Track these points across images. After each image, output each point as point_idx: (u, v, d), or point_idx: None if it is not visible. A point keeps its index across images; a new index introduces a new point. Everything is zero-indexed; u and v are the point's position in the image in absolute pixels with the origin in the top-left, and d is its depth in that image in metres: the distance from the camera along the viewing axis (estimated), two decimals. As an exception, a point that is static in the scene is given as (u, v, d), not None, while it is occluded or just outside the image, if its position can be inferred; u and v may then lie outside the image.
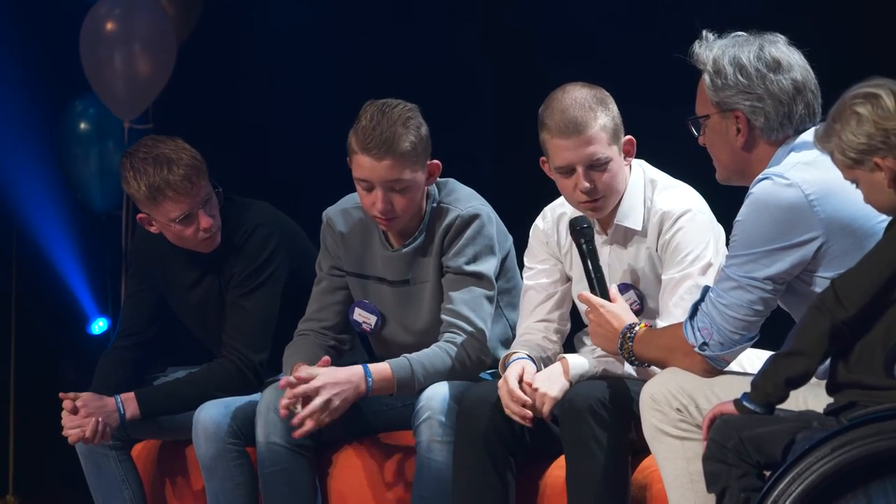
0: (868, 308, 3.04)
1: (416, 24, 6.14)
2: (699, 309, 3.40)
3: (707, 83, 3.46)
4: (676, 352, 3.44)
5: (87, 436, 4.26)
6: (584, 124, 3.75)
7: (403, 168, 3.99)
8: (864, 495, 2.97)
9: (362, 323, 4.23)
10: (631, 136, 3.84)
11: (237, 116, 6.40)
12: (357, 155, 4.01)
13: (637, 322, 3.63)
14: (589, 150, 3.76)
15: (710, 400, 3.33)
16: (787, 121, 3.41)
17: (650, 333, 3.58)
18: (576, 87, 3.81)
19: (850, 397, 3.07)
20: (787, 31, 3.52)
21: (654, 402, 3.41)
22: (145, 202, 4.33)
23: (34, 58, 6.54)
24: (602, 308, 3.67)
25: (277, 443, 4.09)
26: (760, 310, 3.35)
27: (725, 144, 3.47)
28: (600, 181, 3.78)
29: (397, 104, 4.02)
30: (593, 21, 5.77)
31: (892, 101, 3.05)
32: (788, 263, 3.31)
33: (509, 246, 4.21)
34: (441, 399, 3.94)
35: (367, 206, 4.06)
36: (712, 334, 3.37)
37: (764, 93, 3.41)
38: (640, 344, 3.57)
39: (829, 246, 3.27)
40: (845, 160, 3.09)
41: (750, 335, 3.38)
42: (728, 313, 3.35)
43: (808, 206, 3.27)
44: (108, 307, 6.66)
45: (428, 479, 3.94)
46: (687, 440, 3.38)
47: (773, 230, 3.29)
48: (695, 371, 3.42)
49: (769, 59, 3.43)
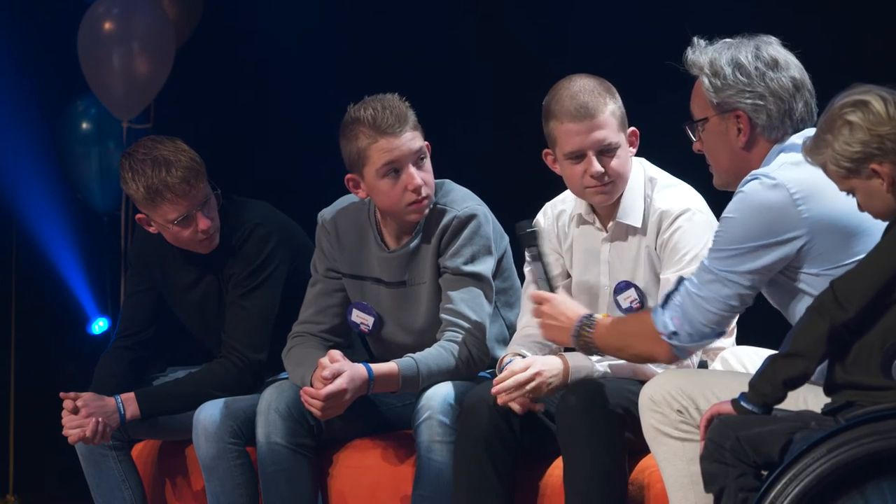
0: (867, 309, 3.05)
1: (416, 24, 6.14)
2: (672, 298, 3.42)
3: (706, 85, 3.47)
4: (642, 337, 3.47)
5: (87, 436, 4.26)
6: (595, 108, 3.79)
7: (420, 138, 4.05)
8: (860, 495, 2.98)
9: (360, 324, 4.24)
10: (635, 128, 3.87)
11: (237, 116, 6.40)
12: (375, 144, 4.02)
13: (594, 313, 3.67)
14: (600, 135, 3.80)
15: (710, 400, 3.33)
16: (787, 118, 3.43)
17: (614, 321, 3.61)
18: (581, 77, 3.85)
19: (848, 397, 3.07)
20: (782, 33, 3.53)
21: (653, 403, 3.42)
22: (144, 203, 4.33)
23: (35, 58, 6.54)
24: (556, 300, 3.71)
25: (278, 442, 4.09)
26: (735, 305, 3.37)
27: (725, 146, 3.48)
28: (609, 166, 3.81)
29: (382, 94, 4.07)
30: (594, 20, 5.78)
31: (883, 106, 3.05)
32: (770, 260, 3.32)
33: (505, 245, 4.22)
34: (441, 399, 3.95)
35: (397, 196, 4.04)
36: (683, 325, 3.39)
37: (765, 90, 3.42)
38: (601, 330, 3.59)
39: (814, 244, 3.29)
40: (840, 170, 3.10)
41: (719, 330, 3.41)
42: (703, 306, 3.37)
43: (792, 206, 3.29)
44: (108, 307, 6.66)
45: (428, 479, 3.94)
46: (688, 441, 3.38)
47: (758, 228, 3.31)
48: (659, 358, 3.46)
49: (767, 58, 3.45)
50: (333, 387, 3.96)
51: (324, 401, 3.96)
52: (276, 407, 4.09)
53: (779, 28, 3.56)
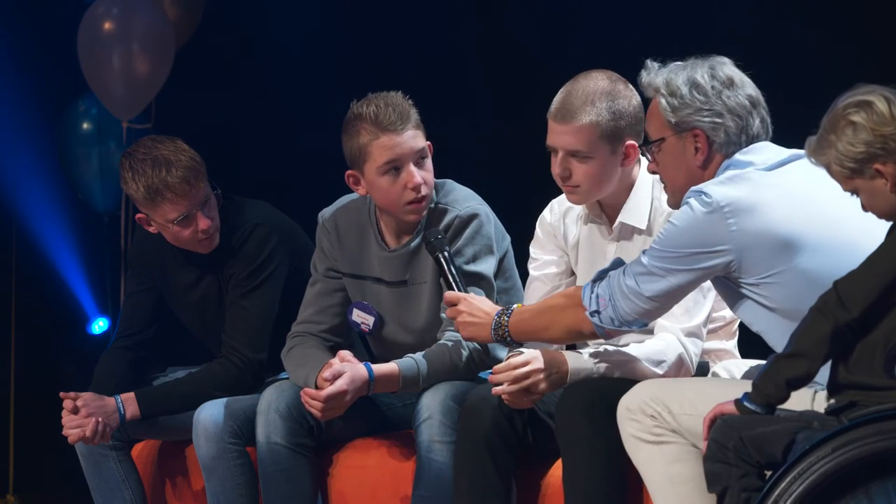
0: (871, 310, 3.05)
1: (416, 24, 6.14)
2: (604, 278, 3.52)
3: (663, 105, 3.51)
4: (565, 308, 3.59)
5: (87, 436, 4.26)
6: (573, 115, 3.79)
7: (422, 137, 4.05)
8: (864, 495, 2.97)
9: (361, 323, 4.23)
10: (634, 143, 3.84)
11: (237, 116, 6.40)
12: (376, 141, 4.01)
13: (511, 305, 3.77)
14: (567, 140, 3.81)
15: (683, 405, 3.39)
16: (744, 135, 3.50)
17: (537, 303, 3.75)
18: (594, 76, 3.85)
19: (851, 397, 3.07)
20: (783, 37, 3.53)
21: (629, 412, 3.47)
22: (144, 203, 4.32)
23: (36, 58, 6.55)
24: (471, 297, 3.81)
25: (278, 442, 4.09)
26: (660, 300, 3.45)
27: (681, 166, 3.53)
28: (578, 172, 3.82)
29: (386, 92, 4.07)
30: (594, 20, 5.78)
31: (886, 107, 3.05)
32: (697, 266, 3.40)
33: (507, 245, 4.21)
34: (441, 399, 3.95)
35: (397, 194, 4.04)
36: (608, 308, 3.49)
37: (723, 108, 3.48)
38: (523, 314, 3.70)
39: (744, 255, 3.36)
40: (844, 171, 3.10)
41: (642, 322, 3.51)
42: (630, 295, 3.45)
43: (722, 220, 3.36)
44: (108, 307, 6.66)
45: (428, 479, 3.94)
46: (664, 444, 3.43)
47: (690, 238, 3.40)
48: (584, 329, 3.55)
49: (723, 77, 3.50)
50: (334, 388, 3.95)
51: (324, 402, 3.96)
52: (276, 407, 4.09)
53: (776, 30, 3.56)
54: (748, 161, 3.44)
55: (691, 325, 3.76)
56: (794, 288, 3.33)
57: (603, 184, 3.85)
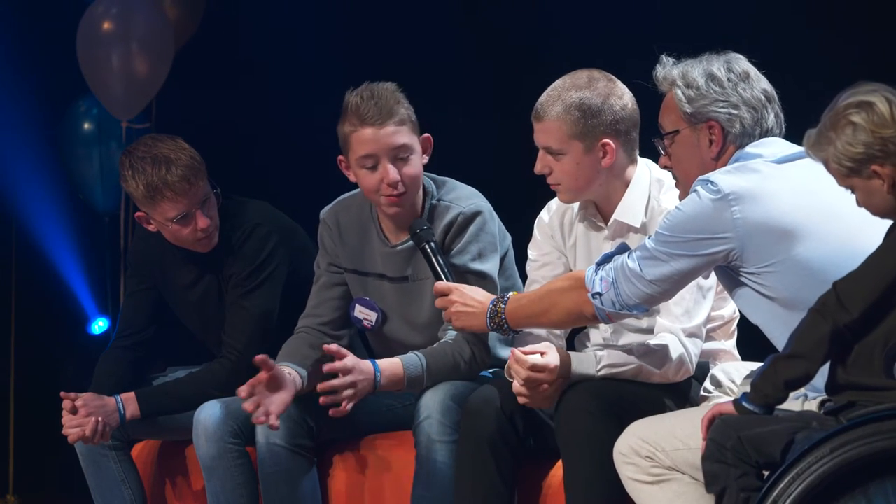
0: (870, 311, 3.05)
1: (415, 24, 6.14)
2: (609, 262, 3.54)
3: (678, 97, 3.52)
4: (567, 290, 3.62)
5: (86, 435, 4.26)
6: (544, 113, 3.85)
7: (405, 133, 4.03)
8: (863, 495, 2.97)
9: (363, 319, 4.23)
10: (610, 142, 3.83)
11: (237, 116, 6.40)
12: (356, 133, 4.02)
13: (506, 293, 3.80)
14: (541, 137, 3.87)
15: (674, 443, 3.40)
16: (758, 127, 3.51)
17: (531, 291, 3.77)
18: (577, 75, 3.88)
19: (850, 398, 3.07)
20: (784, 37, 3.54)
21: (624, 456, 3.48)
22: (143, 201, 4.33)
23: (35, 58, 6.54)
24: (462, 288, 3.84)
25: (278, 443, 4.09)
26: (662, 284, 3.45)
27: (696, 157, 3.54)
28: (556, 169, 3.85)
29: (379, 83, 4.06)
30: (595, 20, 5.78)
31: (887, 108, 3.04)
32: (701, 252, 3.41)
33: (508, 244, 4.21)
34: (441, 399, 3.94)
35: (374, 186, 4.04)
36: (610, 291, 3.50)
37: (738, 100, 3.50)
38: (516, 301, 3.72)
39: (746, 243, 3.36)
40: (841, 169, 3.10)
41: (644, 308, 3.52)
42: (632, 278, 3.47)
43: (727, 208, 3.36)
44: (108, 307, 6.66)
45: (428, 478, 3.94)
46: (664, 482, 3.44)
47: (695, 223, 3.40)
48: (583, 309, 3.57)
49: (739, 71, 3.52)
50: (339, 381, 3.94)
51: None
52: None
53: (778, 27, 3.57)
54: (757, 153, 3.45)
55: (691, 326, 3.77)
56: (793, 278, 3.34)
57: (581, 181, 3.86)
